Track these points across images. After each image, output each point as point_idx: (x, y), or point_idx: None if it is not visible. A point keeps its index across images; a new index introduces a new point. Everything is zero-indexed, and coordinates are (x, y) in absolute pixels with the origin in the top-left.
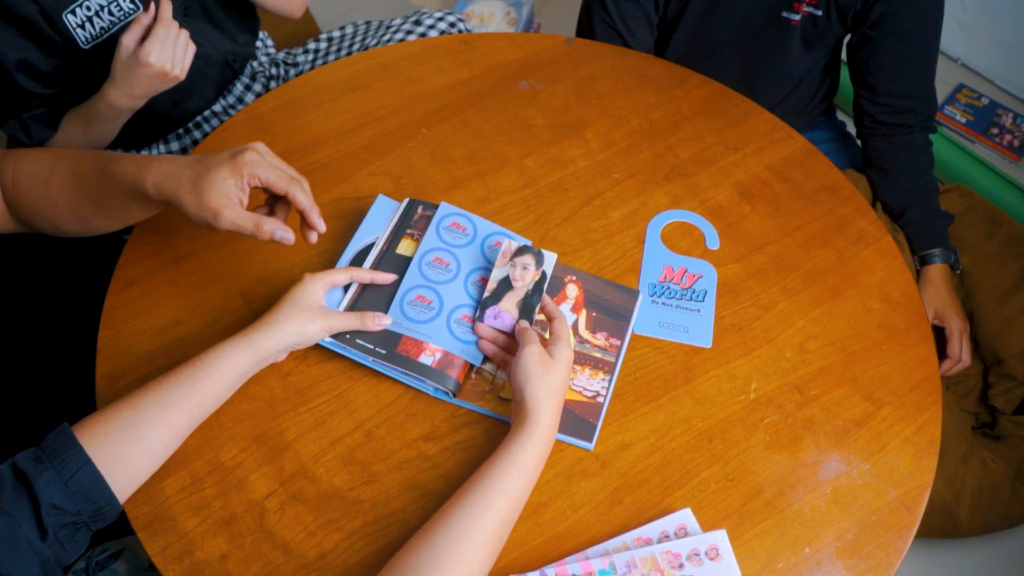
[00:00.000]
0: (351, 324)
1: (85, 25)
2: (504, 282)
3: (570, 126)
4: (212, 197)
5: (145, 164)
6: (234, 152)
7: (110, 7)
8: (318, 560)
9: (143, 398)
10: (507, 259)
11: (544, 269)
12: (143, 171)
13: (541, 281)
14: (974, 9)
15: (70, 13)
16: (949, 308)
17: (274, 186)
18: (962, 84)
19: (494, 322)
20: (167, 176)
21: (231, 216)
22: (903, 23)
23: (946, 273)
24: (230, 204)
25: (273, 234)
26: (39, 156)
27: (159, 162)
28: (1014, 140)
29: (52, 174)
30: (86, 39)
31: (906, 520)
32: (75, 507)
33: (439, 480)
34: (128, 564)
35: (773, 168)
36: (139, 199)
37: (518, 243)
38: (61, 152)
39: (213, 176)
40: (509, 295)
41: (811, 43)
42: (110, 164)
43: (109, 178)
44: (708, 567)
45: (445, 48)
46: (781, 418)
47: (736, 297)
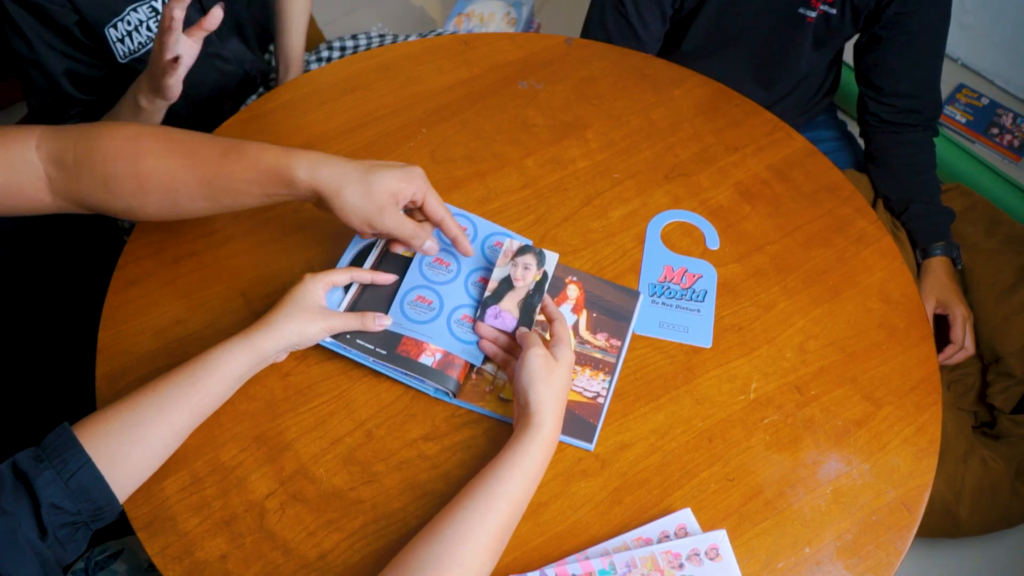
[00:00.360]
0: (351, 324)
1: (124, 40)
2: (505, 282)
3: (570, 126)
4: (381, 194)
5: (288, 151)
6: (405, 168)
7: (148, 23)
8: (318, 560)
9: (143, 398)
10: (508, 259)
11: (545, 269)
12: (292, 156)
13: (542, 281)
14: (974, 9)
15: (111, 27)
16: (952, 295)
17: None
18: (962, 84)
19: (495, 322)
20: (326, 164)
21: (396, 217)
22: (915, 23)
23: (948, 264)
24: (395, 207)
25: (424, 244)
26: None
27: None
28: (1014, 140)
29: (140, 150)
30: (124, 53)
31: (906, 520)
32: (75, 507)
33: (439, 480)
34: (128, 564)
35: (773, 168)
36: (271, 182)
37: (519, 243)
38: (143, 129)
39: (387, 175)
40: (510, 295)
41: (822, 41)
42: (240, 145)
43: (240, 155)
44: (708, 567)
45: (445, 48)
46: (781, 418)
47: (736, 297)
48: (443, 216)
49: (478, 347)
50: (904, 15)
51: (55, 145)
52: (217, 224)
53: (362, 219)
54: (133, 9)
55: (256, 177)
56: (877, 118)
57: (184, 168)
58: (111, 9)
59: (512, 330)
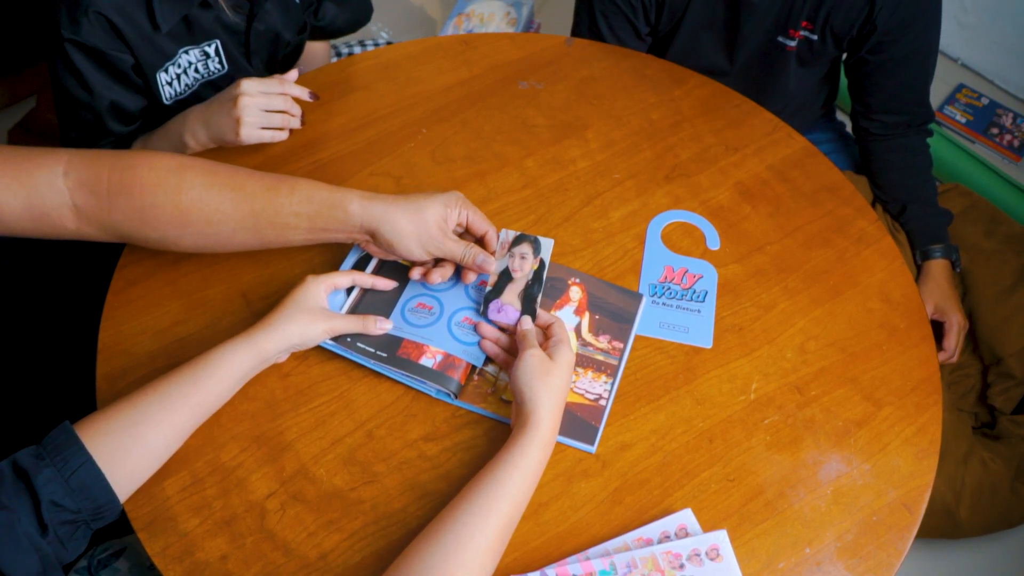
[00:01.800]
0: (353, 327)
1: (173, 83)
2: (504, 274)
3: (570, 126)
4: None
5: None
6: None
7: (197, 65)
8: (318, 560)
9: (144, 397)
10: (505, 250)
11: (542, 256)
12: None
13: (540, 269)
14: (974, 9)
15: (163, 71)
16: (949, 302)
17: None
18: (962, 84)
19: (498, 316)
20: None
21: (448, 241)
22: (900, 49)
23: (947, 268)
24: (446, 231)
25: (476, 258)
26: (156, 162)
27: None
28: (1014, 140)
29: (182, 183)
30: (171, 95)
31: (906, 520)
32: (75, 505)
33: (440, 480)
34: (130, 563)
35: (773, 168)
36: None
37: (514, 233)
38: (185, 161)
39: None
40: (510, 287)
41: (807, 61)
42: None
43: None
44: (709, 567)
45: (445, 48)
46: (782, 418)
47: (736, 297)
48: (486, 230)
49: (479, 347)
50: (887, 43)
51: (87, 173)
52: None
53: (419, 246)
54: (185, 51)
55: (307, 210)
56: (867, 131)
57: (230, 201)
58: (165, 53)
59: (515, 322)
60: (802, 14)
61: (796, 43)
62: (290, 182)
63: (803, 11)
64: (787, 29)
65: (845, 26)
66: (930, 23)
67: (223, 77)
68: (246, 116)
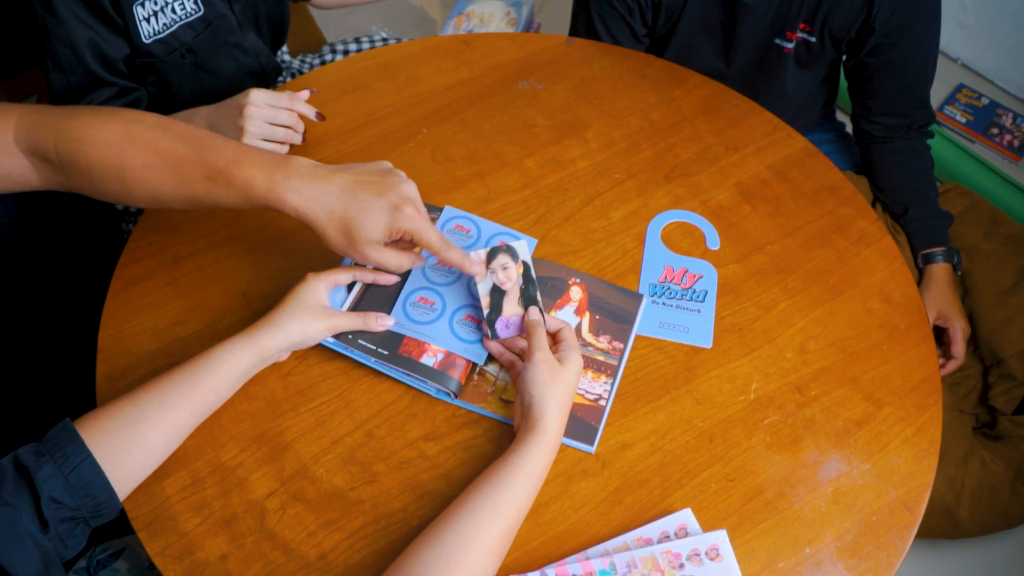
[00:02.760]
0: (354, 324)
1: (151, 19)
2: (495, 291)
3: (570, 126)
4: (363, 244)
5: (281, 180)
6: (393, 204)
7: (173, 5)
8: (318, 560)
9: (145, 395)
10: (486, 268)
11: (523, 259)
12: (280, 190)
13: (527, 271)
14: (974, 9)
15: (139, 5)
16: (952, 308)
17: (426, 246)
18: (962, 84)
19: (507, 332)
20: (316, 205)
21: (377, 257)
22: (900, 52)
23: (949, 273)
24: (378, 248)
25: (412, 264)
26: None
27: (299, 179)
28: (1014, 140)
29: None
30: (149, 33)
31: (906, 520)
32: (75, 501)
33: (440, 480)
34: (129, 563)
35: (773, 168)
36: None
37: (485, 250)
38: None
39: (368, 226)
40: (507, 300)
41: (805, 64)
42: (228, 169)
43: (228, 184)
44: (708, 567)
45: (445, 48)
46: (781, 418)
47: (736, 297)
48: (439, 249)
49: (481, 345)
50: (886, 45)
51: (35, 139)
52: (217, 224)
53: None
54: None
55: (246, 204)
56: (868, 133)
57: (172, 186)
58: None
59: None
60: (799, 16)
61: (794, 45)
62: (227, 174)
63: (800, 13)
64: (784, 31)
65: (843, 28)
66: (929, 25)
67: (199, 19)
68: (249, 126)
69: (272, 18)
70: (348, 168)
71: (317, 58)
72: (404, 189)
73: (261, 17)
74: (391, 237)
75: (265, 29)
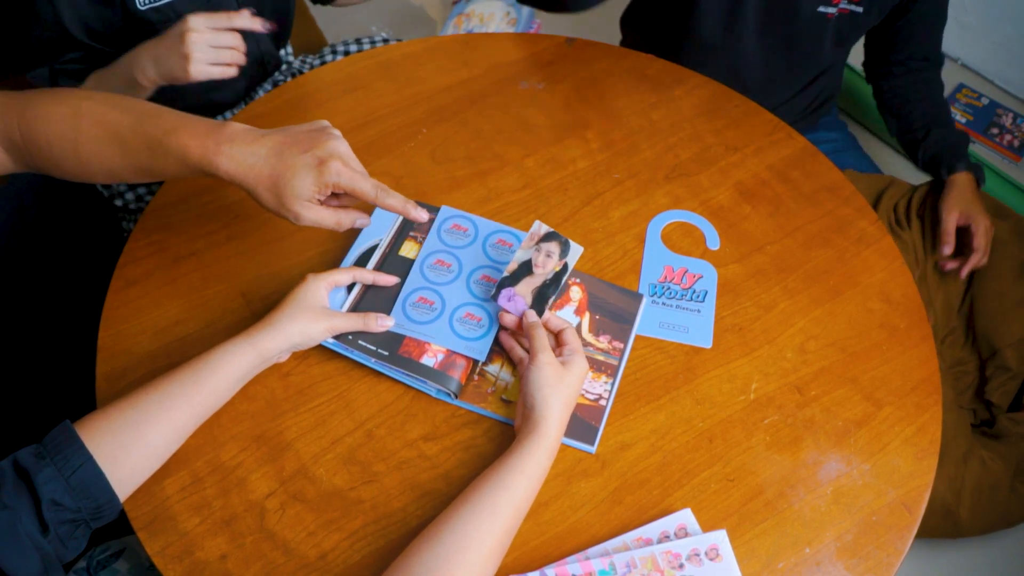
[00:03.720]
0: (354, 325)
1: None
2: (525, 265)
3: (570, 126)
4: (293, 202)
5: (214, 145)
6: (319, 159)
7: None
8: (318, 560)
9: (145, 396)
10: (533, 242)
11: (567, 261)
12: (212, 155)
13: (561, 272)
14: (974, 9)
15: None
16: (975, 206)
17: (361, 197)
18: (962, 84)
19: (508, 304)
20: (244, 168)
21: (312, 216)
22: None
23: (971, 180)
24: (310, 207)
25: (354, 223)
26: (56, 113)
27: (229, 144)
28: (1014, 140)
29: (79, 135)
30: (144, 1)
31: (906, 520)
32: (75, 504)
33: (439, 480)
34: (129, 563)
35: (773, 168)
36: (201, 175)
37: (547, 229)
38: (81, 106)
39: (295, 183)
40: (527, 280)
41: (844, 38)
42: (166, 138)
43: (166, 152)
44: (708, 567)
45: (445, 48)
46: (781, 418)
47: (736, 297)
48: (373, 198)
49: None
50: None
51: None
52: (217, 224)
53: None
54: None
55: (184, 171)
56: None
57: (120, 157)
58: None
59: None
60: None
61: (835, 13)
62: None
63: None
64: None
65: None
66: None
67: None
68: (195, 52)
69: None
70: (280, 130)
71: (317, 58)
72: (332, 144)
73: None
74: (322, 193)
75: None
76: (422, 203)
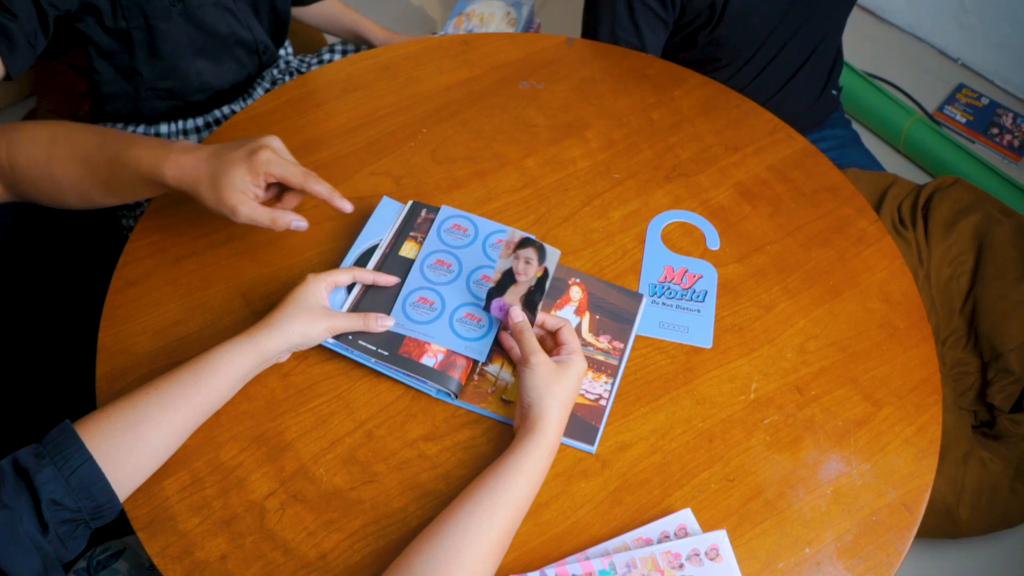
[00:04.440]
0: (354, 325)
1: None
2: (507, 274)
3: (570, 126)
4: (230, 195)
5: (163, 154)
6: (250, 150)
7: None
8: (318, 560)
9: (145, 396)
10: (511, 251)
11: (547, 266)
12: (161, 162)
13: (543, 278)
14: (974, 9)
15: None
16: None
17: (290, 182)
18: (962, 84)
19: (500, 313)
20: (187, 171)
21: (248, 212)
22: None
23: None
24: (246, 200)
25: (289, 224)
26: (35, 136)
27: (177, 153)
28: (1014, 140)
29: (53, 156)
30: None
31: (906, 520)
32: (75, 504)
33: (439, 480)
34: (129, 563)
35: (773, 168)
36: (154, 185)
37: (521, 235)
38: (58, 131)
39: (231, 174)
40: (513, 289)
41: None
42: (123, 152)
43: (123, 165)
44: (708, 567)
45: (445, 48)
46: (781, 418)
47: (736, 297)
48: (302, 183)
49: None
50: None
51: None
52: (217, 224)
53: (222, 216)
54: None
55: (141, 180)
56: None
57: (86, 175)
58: None
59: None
60: None
61: None
62: (122, 157)
63: None
64: None
65: None
66: None
67: None
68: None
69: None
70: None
71: (316, 58)
72: (263, 139)
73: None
74: (255, 183)
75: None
76: (422, 203)
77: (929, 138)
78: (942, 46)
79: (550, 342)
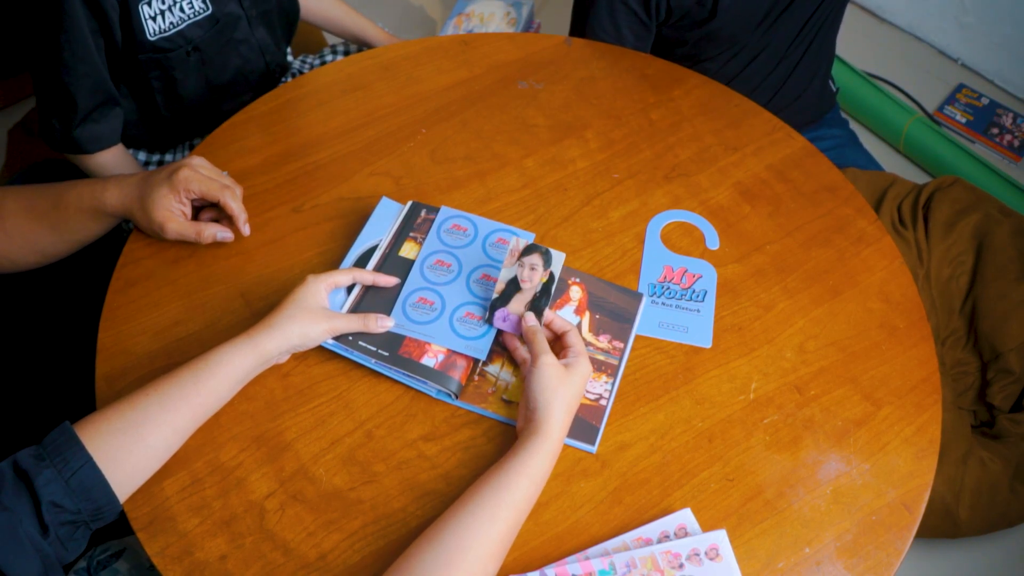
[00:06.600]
0: (354, 326)
1: (157, 18)
2: (512, 283)
3: (570, 126)
4: (157, 213)
5: (102, 186)
6: (171, 171)
7: (181, 4)
8: (318, 560)
9: (145, 398)
10: (515, 258)
11: (552, 270)
12: (100, 193)
13: (549, 283)
14: (974, 9)
15: (145, 4)
16: None
17: (208, 197)
18: (962, 84)
19: (503, 324)
20: (121, 198)
21: (174, 227)
22: None
23: None
24: (172, 217)
25: (214, 236)
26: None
27: (114, 183)
28: (1014, 140)
29: (4, 209)
30: (153, 31)
31: (906, 520)
32: (75, 505)
33: (439, 480)
34: (129, 564)
35: (773, 168)
36: (99, 217)
37: (525, 241)
38: (6, 191)
39: (155, 195)
40: (518, 297)
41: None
42: (65, 193)
43: (67, 205)
44: (708, 567)
45: (445, 48)
46: (781, 418)
47: (736, 297)
48: (219, 195)
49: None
50: None
51: None
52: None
53: (155, 236)
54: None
55: (86, 215)
56: None
57: (33, 224)
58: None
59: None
60: None
61: None
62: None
63: None
64: None
65: None
66: None
67: (207, 18)
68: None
69: (284, 10)
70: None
71: (317, 58)
72: (186, 160)
73: (272, 11)
74: (178, 200)
75: (277, 23)
76: (422, 203)
77: (929, 138)
78: (942, 46)
79: (554, 345)
